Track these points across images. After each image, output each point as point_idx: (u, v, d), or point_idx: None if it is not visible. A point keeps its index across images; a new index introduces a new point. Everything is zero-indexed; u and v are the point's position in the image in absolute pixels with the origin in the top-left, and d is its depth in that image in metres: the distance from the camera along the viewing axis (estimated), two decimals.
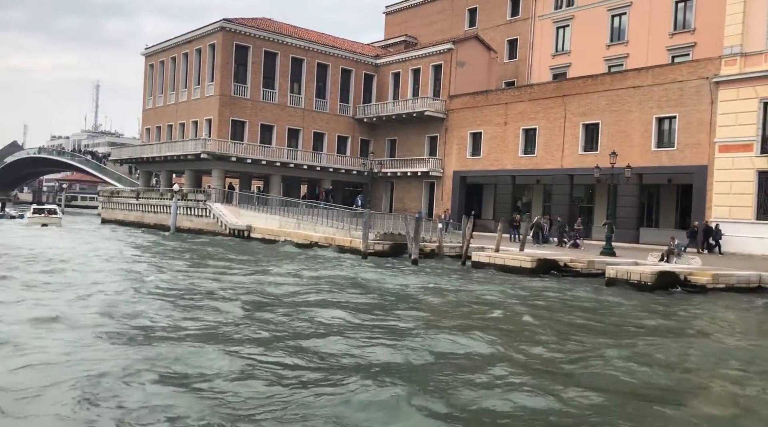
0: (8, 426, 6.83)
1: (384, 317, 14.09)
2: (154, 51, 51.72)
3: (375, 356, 10.21)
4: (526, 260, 24.01)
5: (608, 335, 13.09)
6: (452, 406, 7.92)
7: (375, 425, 7.25)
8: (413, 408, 7.67)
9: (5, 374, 8.55)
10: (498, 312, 15.29)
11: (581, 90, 37.73)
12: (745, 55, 30.62)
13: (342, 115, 49.41)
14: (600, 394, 8.65)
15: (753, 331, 14.98)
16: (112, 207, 52.06)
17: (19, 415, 7.09)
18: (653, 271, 20.54)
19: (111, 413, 7.18)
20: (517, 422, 7.64)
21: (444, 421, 7.42)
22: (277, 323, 12.79)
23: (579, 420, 7.72)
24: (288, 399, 7.88)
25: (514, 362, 10.28)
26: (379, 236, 29.99)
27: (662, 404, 8.37)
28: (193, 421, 7.03)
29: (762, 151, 29.88)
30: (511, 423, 7.59)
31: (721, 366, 10.79)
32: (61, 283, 17.35)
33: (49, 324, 11.79)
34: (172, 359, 9.51)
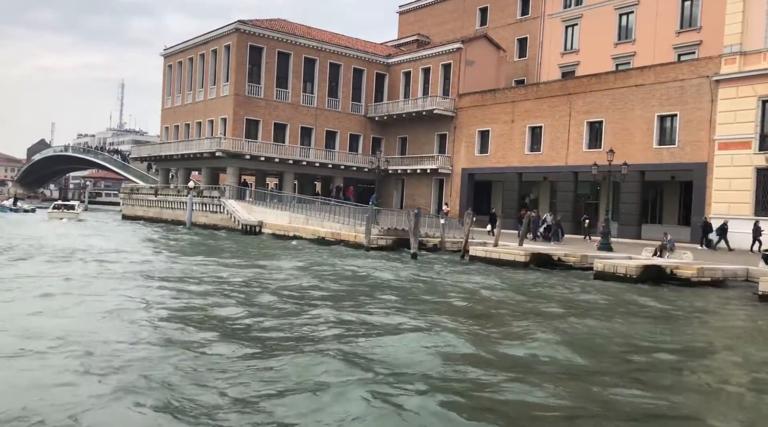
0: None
1: (357, 301, 15.17)
2: (172, 52, 53.26)
3: (330, 331, 11.32)
4: (520, 254, 24.88)
5: (547, 317, 14.24)
6: (376, 365, 8.91)
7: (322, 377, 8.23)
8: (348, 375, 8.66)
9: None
10: (462, 297, 16.73)
11: (586, 88, 38.36)
12: (744, 53, 31.06)
13: (354, 114, 50.48)
14: (501, 363, 9.61)
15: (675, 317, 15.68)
16: (132, 204, 53.77)
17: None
18: (638, 265, 21.29)
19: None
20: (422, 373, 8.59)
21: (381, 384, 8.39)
22: (260, 305, 13.89)
23: (478, 378, 8.62)
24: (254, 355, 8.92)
25: (445, 335, 11.54)
26: (383, 232, 31.01)
27: (549, 368, 9.28)
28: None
29: (760, 149, 30.33)
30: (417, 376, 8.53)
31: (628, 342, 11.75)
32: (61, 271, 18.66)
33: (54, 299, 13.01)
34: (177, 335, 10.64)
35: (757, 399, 8.71)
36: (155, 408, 7.21)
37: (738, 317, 16.22)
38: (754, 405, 8.48)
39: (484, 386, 8.58)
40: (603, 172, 30.17)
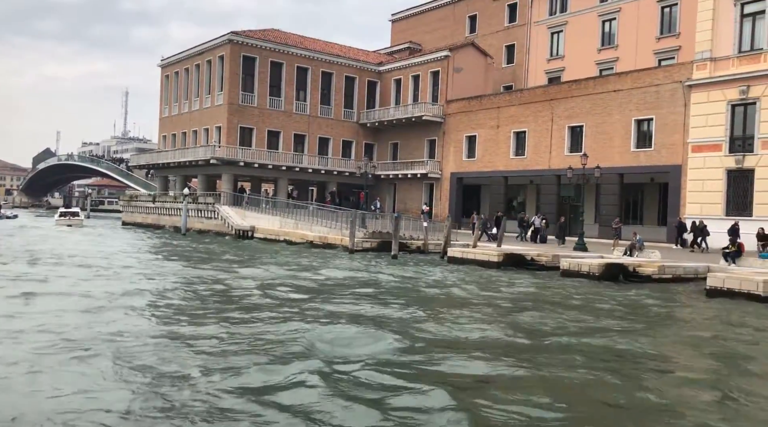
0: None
1: (320, 297, 16.33)
2: (169, 62, 54.67)
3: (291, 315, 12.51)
4: (494, 255, 26.01)
5: (487, 308, 15.61)
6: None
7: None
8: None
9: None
10: (418, 291, 18.24)
11: (567, 94, 39.51)
12: (714, 59, 32.15)
13: (346, 121, 51.73)
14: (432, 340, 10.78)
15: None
16: (132, 211, 55.15)
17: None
18: (600, 263, 22.42)
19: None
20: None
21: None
22: (230, 304, 15.09)
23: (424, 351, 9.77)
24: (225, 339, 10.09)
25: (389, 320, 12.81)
26: (368, 235, 32.20)
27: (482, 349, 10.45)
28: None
29: (730, 151, 31.39)
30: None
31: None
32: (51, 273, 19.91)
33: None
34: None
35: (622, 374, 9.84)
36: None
37: (667, 307, 17.36)
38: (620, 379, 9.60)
39: (412, 359, 9.75)
40: (579, 175, 31.21)
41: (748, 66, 30.90)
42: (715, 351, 12.04)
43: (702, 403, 8.54)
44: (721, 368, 10.60)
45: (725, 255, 24.16)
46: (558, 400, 8.26)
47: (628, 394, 8.77)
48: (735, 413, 8.19)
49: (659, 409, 8.19)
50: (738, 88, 31.02)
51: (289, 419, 7.18)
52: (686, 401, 8.61)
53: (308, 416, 7.29)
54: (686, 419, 7.78)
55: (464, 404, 7.82)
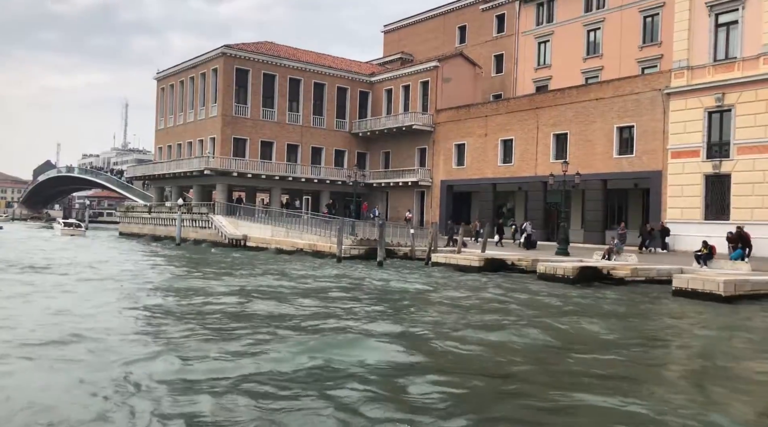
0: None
1: (298, 299, 17.16)
2: (164, 75, 55.71)
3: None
4: (475, 260, 26.84)
5: (454, 309, 16.42)
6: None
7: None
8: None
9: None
10: (390, 294, 19.16)
11: (551, 103, 40.42)
12: (691, 68, 33.05)
13: (339, 130, 52.69)
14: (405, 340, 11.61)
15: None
16: (129, 221, 56.06)
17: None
18: (574, 266, 23.23)
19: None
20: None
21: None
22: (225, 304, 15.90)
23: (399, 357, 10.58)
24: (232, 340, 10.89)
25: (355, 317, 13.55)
26: (356, 242, 33.02)
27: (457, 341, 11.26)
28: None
29: (707, 157, 32.25)
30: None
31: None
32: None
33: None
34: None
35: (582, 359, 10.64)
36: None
37: (624, 305, 18.24)
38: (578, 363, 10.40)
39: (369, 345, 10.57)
40: (561, 182, 32.06)
41: (723, 74, 31.79)
42: (643, 340, 12.95)
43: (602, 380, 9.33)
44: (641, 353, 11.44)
45: (697, 258, 24.95)
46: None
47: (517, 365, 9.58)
48: (617, 389, 8.95)
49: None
50: (714, 95, 31.91)
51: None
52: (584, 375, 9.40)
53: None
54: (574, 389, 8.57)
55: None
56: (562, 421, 7.74)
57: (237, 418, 7.43)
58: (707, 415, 7.91)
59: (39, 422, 7.19)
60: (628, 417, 7.78)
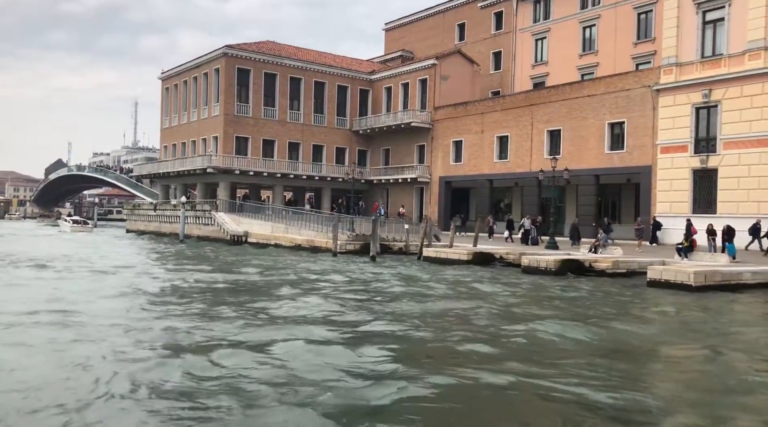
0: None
1: (286, 290, 18.09)
2: (168, 75, 56.79)
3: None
4: (463, 254, 27.68)
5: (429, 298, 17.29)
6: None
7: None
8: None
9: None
10: (367, 285, 20.07)
11: (545, 99, 41.10)
12: (679, 65, 33.66)
13: (339, 128, 53.57)
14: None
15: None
16: (135, 219, 57.27)
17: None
18: (556, 259, 24.02)
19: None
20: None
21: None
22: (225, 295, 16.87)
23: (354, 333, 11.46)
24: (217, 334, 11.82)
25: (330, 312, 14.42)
26: (352, 237, 33.92)
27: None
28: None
29: (695, 152, 32.88)
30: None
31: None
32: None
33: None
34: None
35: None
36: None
37: (593, 293, 19.03)
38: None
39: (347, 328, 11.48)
40: (550, 178, 32.80)
41: (710, 71, 32.39)
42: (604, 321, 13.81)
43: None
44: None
45: (678, 250, 25.64)
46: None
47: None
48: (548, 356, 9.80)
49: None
50: (701, 91, 32.53)
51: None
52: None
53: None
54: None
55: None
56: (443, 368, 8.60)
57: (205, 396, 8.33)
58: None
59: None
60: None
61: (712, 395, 8.59)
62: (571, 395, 8.29)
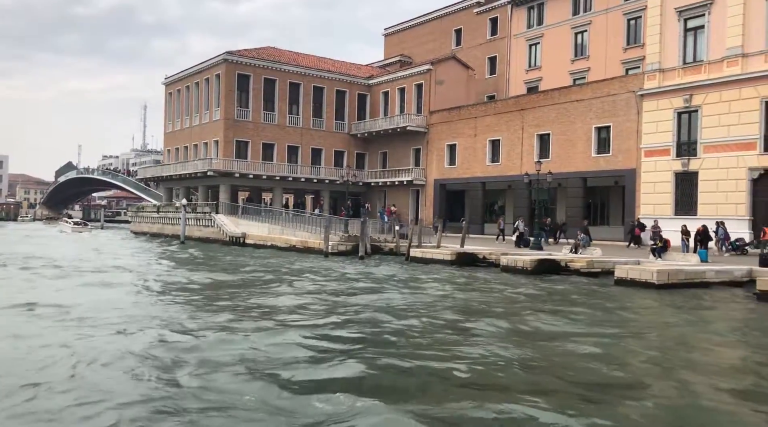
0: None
1: (271, 286, 19.22)
2: (171, 81, 58.20)
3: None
4: (447, 254, 28.74)
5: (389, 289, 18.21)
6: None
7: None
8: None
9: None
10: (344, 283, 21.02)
11: (535, 104, 42.13)
12: (662, 70, 34.61)
13: (338, 132, 54.76)
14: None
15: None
16: (139, 221, 58.70)
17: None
18: (533, 259, 25.05)
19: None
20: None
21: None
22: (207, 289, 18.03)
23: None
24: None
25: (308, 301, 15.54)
26: (344, 238, 35.05)
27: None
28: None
29: (677, 155, 33.81)
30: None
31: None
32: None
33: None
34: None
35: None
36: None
37: (567, 292, 20.01)
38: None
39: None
40: (534, 181, 33.82)
41: (691, 76, 33.33)
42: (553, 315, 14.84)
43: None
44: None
45: (653, 250, 26.63)
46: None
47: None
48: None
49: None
50: (682, 97, 33.47)
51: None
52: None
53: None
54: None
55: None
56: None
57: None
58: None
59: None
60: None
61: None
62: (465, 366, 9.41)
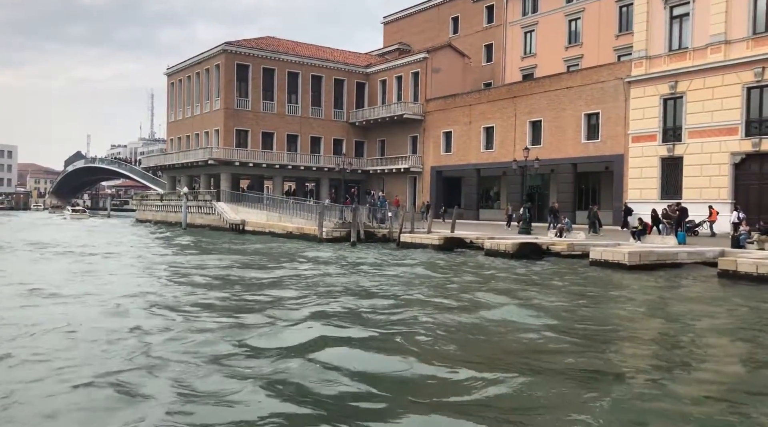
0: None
1: (263, 267, 20.29)
2: (173, 71, 59.19)
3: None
4: (435, 239, 29.72)
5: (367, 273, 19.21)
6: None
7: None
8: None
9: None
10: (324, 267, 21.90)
11: (527, 92, 42.86)
12: (649, 58, 35.27)
13: (336, 121, 55.67)
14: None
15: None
16: (143, 208, 59.98)
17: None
18: (515, 242, 25.99)
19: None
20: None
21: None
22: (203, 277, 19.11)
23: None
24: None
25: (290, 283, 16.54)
26: (338, 225, 36.05)
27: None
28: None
29: (663, 141, 34.55)
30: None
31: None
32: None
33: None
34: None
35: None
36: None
37: (541, 273, 20.94)
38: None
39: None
40: (522, 167, 34.69)
41: (676, 63, 33.97)
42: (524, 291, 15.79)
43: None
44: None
45: (633, 233, 27.53)
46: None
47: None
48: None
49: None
50: (668, 83, 34.15)
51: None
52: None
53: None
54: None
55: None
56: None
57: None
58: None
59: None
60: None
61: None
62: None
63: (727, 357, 10.19)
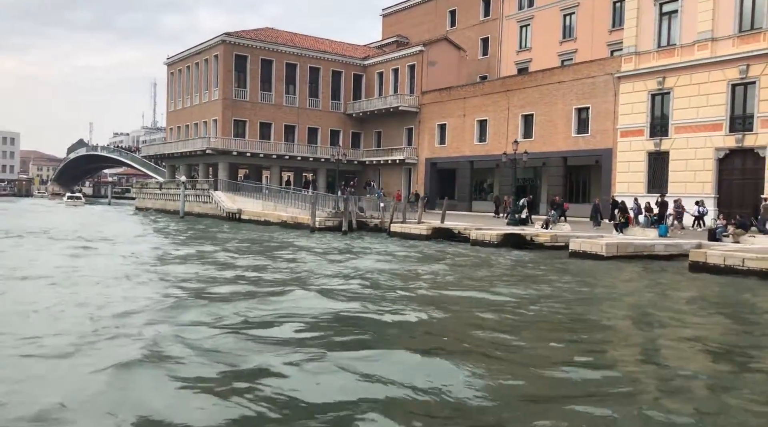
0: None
1: (257, 255, 21.05)
2: (173, 61, 59.85)
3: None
4: (423, 229, 30.49)
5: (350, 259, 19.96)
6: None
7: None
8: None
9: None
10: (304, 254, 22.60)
11: (520, 85, 43.50)
12: (638, 53, 35.87)
13: (334, 112, 56.33)
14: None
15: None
16: (143, 197, 60.80)
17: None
18: (499, 233, 26.76)
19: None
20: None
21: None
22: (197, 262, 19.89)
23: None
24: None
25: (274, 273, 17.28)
26: (331, 214, 36.82)
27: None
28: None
29: (650, 136, 35.21)
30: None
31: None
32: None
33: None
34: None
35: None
36: None
37: (519, 263, 21.69)
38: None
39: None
40: (511, 160, 35.40)
41: (664, 60, 34.58)
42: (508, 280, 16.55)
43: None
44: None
45: (615, 226, 28.26)
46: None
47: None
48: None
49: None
50: (656, 79, 34.77)
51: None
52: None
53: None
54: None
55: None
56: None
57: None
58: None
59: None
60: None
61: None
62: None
63: (647, 342, 10.92)
